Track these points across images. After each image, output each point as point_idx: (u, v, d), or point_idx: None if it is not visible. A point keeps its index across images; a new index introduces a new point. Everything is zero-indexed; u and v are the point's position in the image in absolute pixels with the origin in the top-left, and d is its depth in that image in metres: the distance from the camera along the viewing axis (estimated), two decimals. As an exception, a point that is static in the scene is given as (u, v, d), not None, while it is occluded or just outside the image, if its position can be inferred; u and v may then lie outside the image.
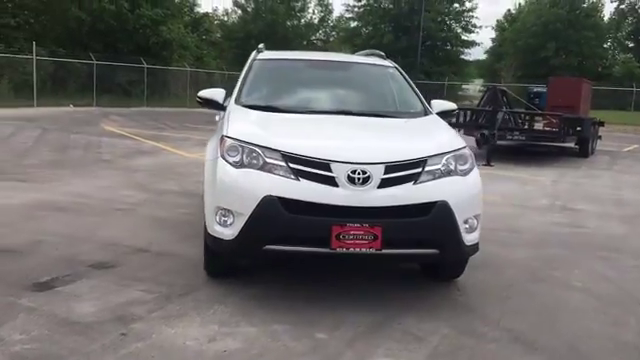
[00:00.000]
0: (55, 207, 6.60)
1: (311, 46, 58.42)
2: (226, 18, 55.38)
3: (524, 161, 13.56)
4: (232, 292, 4.23)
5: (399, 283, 4.65)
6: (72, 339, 3.36)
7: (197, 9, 42.51)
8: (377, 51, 6.10)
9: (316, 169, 3.82)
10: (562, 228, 6.91)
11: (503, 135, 13.00)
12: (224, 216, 3.95)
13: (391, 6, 51.21)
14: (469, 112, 14.36)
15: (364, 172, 3.80)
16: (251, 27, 51.31)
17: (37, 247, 5.06)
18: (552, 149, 15.23)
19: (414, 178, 3.93)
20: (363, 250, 3.79)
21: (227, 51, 50.94)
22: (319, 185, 3.79)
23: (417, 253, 4.01)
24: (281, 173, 3.85)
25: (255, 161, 3.93)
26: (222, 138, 4.16)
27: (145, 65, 27.43)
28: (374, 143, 4.24)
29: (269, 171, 3.88)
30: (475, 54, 58.91)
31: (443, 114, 5.27)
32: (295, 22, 56.75)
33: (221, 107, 5.01)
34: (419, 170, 3.95)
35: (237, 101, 4.91)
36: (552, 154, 14.91)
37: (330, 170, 3.81)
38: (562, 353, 3.58)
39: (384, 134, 4.50)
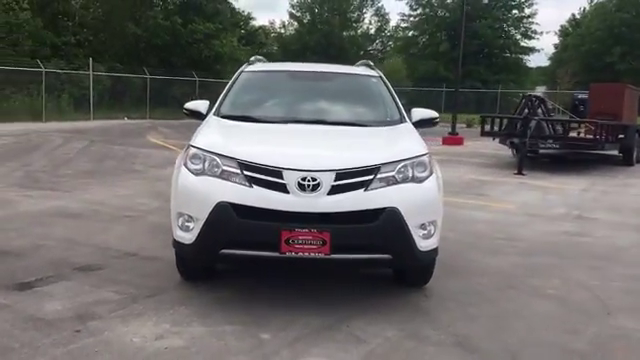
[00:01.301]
0: (68, 214, 7.00)
1: (367, 56, 58.72)
2: (283, 31, 56.42)
3: (560, 170, 13.23)
4: (198, 294, 4.43)
5: (367, 288, 4.73)
6: (29, 334, 3.62)
7: (252, 22, 43.54)
8: (367, 61, 6.21)
9: (268, 176, 3.97)
10: (564, 237, 6.77)
11: (535, 143, 12.73)
12: (185, 221, 4.15)
13: (447, 14, 50.71)
14: (504, 120, 14.10)
15: (314, 179, 3.92)
16: (307, 39, 52.04)
17: (35, 250, 5.41)
18: (593, 157, 14.76)
19: (365, 185, 4.01)
20: (312, 255, 3.90)
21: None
22: (270, 192, 3.94)
23: (369, 258, 4.07)
24: (236, 180, 4.02)
25: (215, 169, 4.11)
26: (187, 147, 4.37)
27: (197, 78, 28.32)
28: (327, 151, 4.34)
29: (226, 178, 4.05)
30: (538, 61, 57.56)
31: (423, 122, 5.32)
32: (351, 33, 57.11)
33: (204, 117, 5.23)
34: (371, 177, 4.03)
35: (216, 112, 5.13)
36: (593, 162, 14.45)
37: (282, 177, 3.94)
38: (499, 358, 3.58)
39: (343, 142, 4.59)
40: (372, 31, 60.14)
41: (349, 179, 3.99)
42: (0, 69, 21.59)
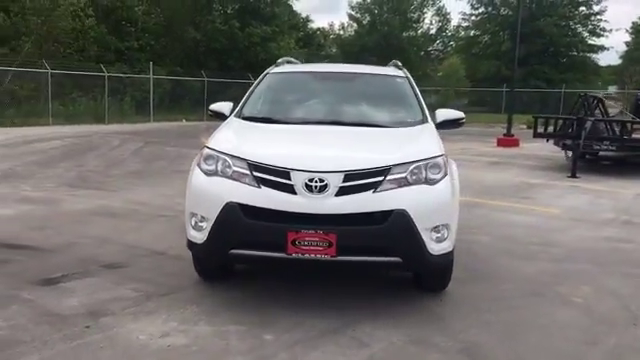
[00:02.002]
0: (108, 213, 7.23)
1: (427, 56, 58.03)
2: (342, 32, 56.41)
3: (619, 173, 12.63)
4: (212, 294, 4.49)
5: (383, 292, 4.65)
6: (41, 328, 3.75)
7: (311, 25, 43.77)
8: (396, 62, 6.12)
9: (276, 177, 3.97)
10: (605, 243, 6.46)
11: (590, 145, 12.22)
12: (198, 221, 4.21)
13: (510, 13, 49.44)
14: (559, 121, 13.61)
15: (322, 180, 3.90)
16: (365, 40, 51.86)
17: (68, 247, 5.61)
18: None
19: (374, 186, 3.95)
20: (318, 256, 3.88)
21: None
22: (277, 192, 3.94)
23: (377, 261, 4.01)
24: (246, 181, 4.04)
25: (227, 170, 4.15)
26: (202, 148, 4.44)
27: (253, 80, 28.62)
28: (337, 152, 4.30)
29: (236, 179, 4.08)
30: (608, 59, 55.21)
31: (448, 123, 5.23)
32: (411, 33, 56.52)
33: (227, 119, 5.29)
34: (380, 179, 3.97)
35: (237, 113, 5.18)
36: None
37: (289, 178, 3.94)
38: (504, 368, 3.46)
39: (356, 143, 4.53)
40: (433, 31, 59.39)
41: (358, 180, 3.95)
42: (67, 74, 22.59)
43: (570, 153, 12.34)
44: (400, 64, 6.02)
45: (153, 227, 6.61)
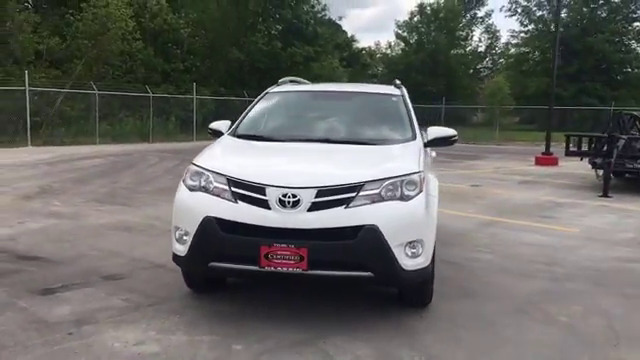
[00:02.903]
0: (125, 227, 7.52)
1: (476, 74, 57.51)
2: (389, 51, 56.59)
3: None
4: (197, 306, 4.65)
5: (364, 307, 4.70)
6: (27, 334, 3.98)
7: (356, 44, 44.17)
8: (395, 81, 6.20)
9: (252, 192, 4.12)
10: (614, 263, 6.32)
11: (622, 164, 11.90)
12: (181, 235, 4.38)
13: (561, 29, 48.53)
14: (589, 140, 13.30)
15: (294, 196, 4.02)
16: (412, 58, 51.83)
17: (77, 259, 5.88)
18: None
19: (346, 202, 4.04)
20: (290, 270, 3.99)
21: (389, 83, 51.92)
22: (253, 207, 4.08)
23: (349, 275, 4.08)
24: (225, 196, 4.20)
25: (209, 185, 4.32)
26: (190, 164, 4.63)
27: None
28: (311, 169, 4.41)
29: (217, 194, 4.24)
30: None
31: (439, 141, 5.29)
32: (460, 51, 56.14)
33: (224, 137, 5.48)
34: (353, 195, 4.06)
35: (232, 131, 5.38)
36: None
37: (264, 194, 4.08)
38: (461, 383, 3.47)
39: (333, 160, 4.63)
40: (482, 49, 58.92)
41: (330, 196, 4.05)
42: (114, 94, 23.51)
43: (601, 172, 12.03)
44: (399, 83, 6.11)
45: (163, 241, 6.81)
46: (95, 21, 23.88)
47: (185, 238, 4.32)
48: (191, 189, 4.39)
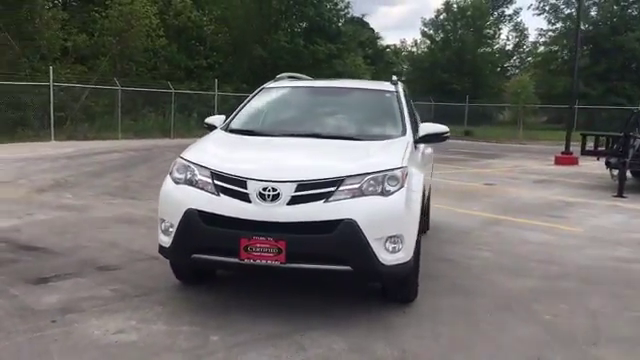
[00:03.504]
0: (128, 220, 7.65)
1: (503, 73, 56.80)
2: (415, 49, 56.22)
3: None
4: (183, 297, 4.72)
5: (351, 301, 4.71)
6: (12, 321, 4.07)
7: (381, 42, 44.01)
8: (394, 78, 6.18)
9: (234, 186, 4.16)
10: (611, 263, 6.24)
11: (637, 163, 11.67)
12: (167, 227, 4.44)
13: (590, 27, 47.74)
14: (606, 139, 13.07)
15: (274, 189, 4.05)
16: (438, 56, 51.44)
17: (75, 251, 5.99)
18: None
19: (326, 196, 4.06)
20: (269, 262, 4.02)
21: (414, 82, 51.80)
22: (234, 200, 4.13)
23: (327, 269, 4.09)
24: (208, 189, 4.25)
25: (193, 178, 4.38)
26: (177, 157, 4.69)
27: (314, 96, 29.14)
28: (293, 163, 4.45)
29: (201, 187, 4.30)
30: None
31: (430, 137, 5.28)
32: (487, 49, 55.52)
33: (219, 131, 5.53)
34: (332, 189, 4.08)
35: (225, 126, 5.43)
36: None
37: (246, 187, 4.12)
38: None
39: (316, 155, 4.65)
40: (509, 47, 58.23)
41: (310, 190, 4.07)
42: (137, 91, 23.85)
43: (616, 172, 11.82)
44: (396, 79, 6.10)
45: (163, 234, 6.92)
46: (120, 18, 24.23)
47: (170, 230, 4.38)
48: (176, 182, 4.45)
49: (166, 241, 4.41)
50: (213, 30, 29.09)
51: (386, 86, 5.92)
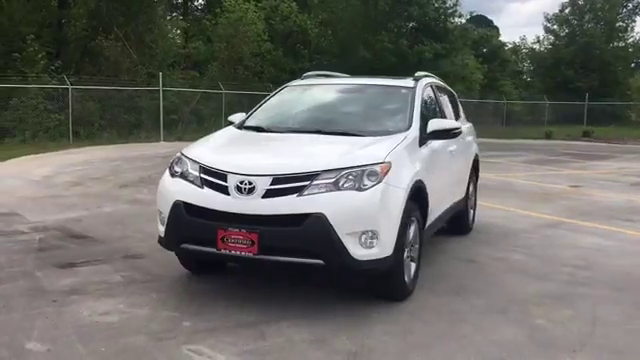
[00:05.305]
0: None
1: (638, 69, 52.70)
2: (537, 46, 53.55)
3: None
4: (181, 285, 5.01)
5: (335, 296, 4.71)
6: (20, 299, 4.50)
7: (497, 40, 42.40)
8: (417, 74, 6.05)
9: (216, 179, 4.35)
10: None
11: None
12: (163, 218, 4.70)
13: None
14: None
15: (250, 183, 4.18)
16: (563, 53, 48.71)
17: (117, 240, 6.44)
18: None
19: (299, 190, 4.13)
20: (243, 254, 4.16)
21: (535, 80, 49.54)
22: (214, 192, 4.31)
23: (299, 262, 4.15)
24: (196, 182, 4.47)
25: (187, 172, 4.61)
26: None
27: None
28: (272, 157, 4.56)
29: (191, 181, 4.52)
30: None
31: (439, 133, 5.18)
32: (620, 44, 51.77)
33: (237, 129, 5.74)
34: (306, 183, 4.14)
35: (240, 123, 5.60)
36: None
37: (226, 180, 4.28)
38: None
39: (300, 150, 4.73)
40: (645, 41, 53.78)
41: (285, 184, 4.16)
42: (240, 94, 24.87)
43: None
44: (419, 75, 5.98)
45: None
46: (229, 25, 25.42)
47: (165, 220, 4.63)
48: (173, 175, 4.70)
49: (162, 231, 4.67)
50: (317, 33, 29.63)
51: (405, 82, 5.81)
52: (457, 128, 5.27)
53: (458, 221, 6.82)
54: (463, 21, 33.09)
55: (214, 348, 3.71)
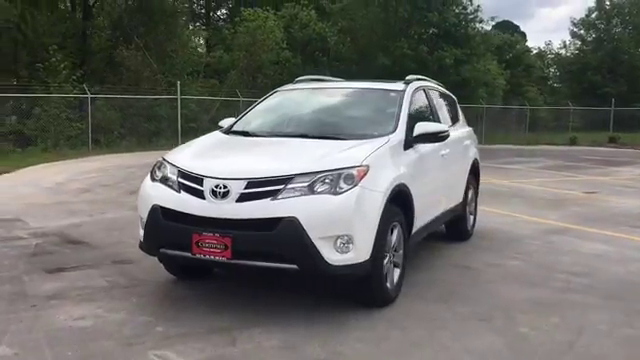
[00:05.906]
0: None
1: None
2: (563, 51, 52.79)
3: None
4: (163, 291, 4.97)
5: (315, 302, 4.63)
6: (1, 304, 4.52)
7: (520, 45, 41.90)
8: (408, 77, 5.95)
9: (192, 183, 4.32)
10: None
11: None
12: (142, 222, 4.68)
13: None
14: None
15: (225, 186, 4.14)
16: (589, 58, 47.94)
17: (111, 246, 6.46)
18: None
19: (273, 194, 4.07)
20: (217, 258, 4.11)
21: (561, 85, 48.82)
22: (190, 197, 4.28)
23: (272, 266, 4.09)
24: (174, 187, 4.44)
25: (166, 176, 4.58)
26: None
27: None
28: (246, 161, 4.51)
29: (170, 185, 4.49)
30: None
31: (425, 137, 5.09)
32: (649, 48, 50.72)
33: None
34: (280, 187, 4.08)
35: (227, 128, 5.58)
36: None
37: (202, 184, 4.25)
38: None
39: (278, 154, 4.67)
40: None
41: (259, 188, 4.11)
42: (254, 101, 24.96)
43: None
44: (410, 78, 5.88)
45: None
46: (247, 34, 25.58)
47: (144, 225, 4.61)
48: (153, 179, 4.68)
49: (141, 235, 4.65)
50: (336, 40, 29.59)
51: (394, 86, 5.73)
52: (444, 131, 5.17)
53: (456, 226, 6.69)
54: (487, 28, 32.63)
55: (181, 354, 3.66)
